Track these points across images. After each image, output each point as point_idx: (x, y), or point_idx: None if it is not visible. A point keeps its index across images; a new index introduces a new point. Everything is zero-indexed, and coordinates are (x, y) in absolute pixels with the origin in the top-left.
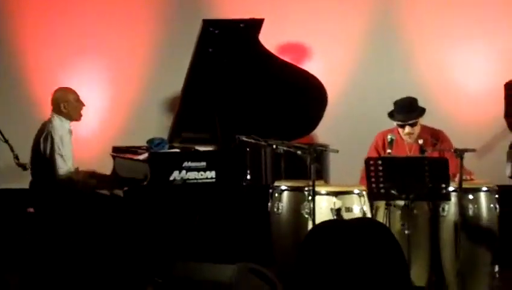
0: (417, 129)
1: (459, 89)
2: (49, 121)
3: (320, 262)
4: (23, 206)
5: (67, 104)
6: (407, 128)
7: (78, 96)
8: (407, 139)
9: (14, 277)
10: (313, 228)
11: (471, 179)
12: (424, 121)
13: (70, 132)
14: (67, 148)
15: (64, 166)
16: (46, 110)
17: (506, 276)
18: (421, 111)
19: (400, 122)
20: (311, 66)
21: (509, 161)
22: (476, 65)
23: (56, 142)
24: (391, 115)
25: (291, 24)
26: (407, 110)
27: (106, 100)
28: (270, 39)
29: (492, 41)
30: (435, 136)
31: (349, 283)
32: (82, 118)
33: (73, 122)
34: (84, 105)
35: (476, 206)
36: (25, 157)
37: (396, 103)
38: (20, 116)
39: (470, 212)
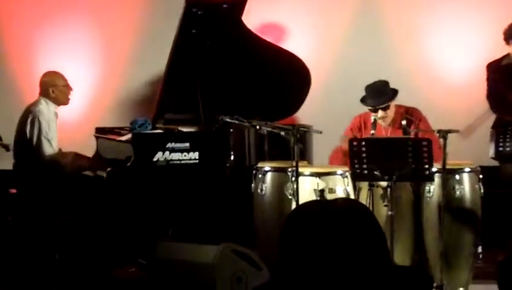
0: (391, 112)
1: (441, 70)
2: (35, 104)
3: (302, 242)
4: (5, 186)
5: (55, 89)
6: (380, 112)
7: (66, 80)
8: (382, 123)
9: None
10: (294, 210)
11: None
12: (406, 103)
13: (56, 115)
14: (54, 132)
15: (50, 150)
16: (28, 91)
17: (489, 257)
18: (393, 94)
19: (371, 107)
20: (295, 48)
21: (492, 142)
22: (459, 46)
23: (43, 126)
24: (363, 100)
25: (273, 5)
26: (378, 94)
27: (89, 82)
28: (251, 19)
29: (475, 22)
30: (409, 113)
31: (331, 263)
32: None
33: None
34: (72, 89)
35: (462, 187)
36: (7, 138)
37: (367, 88)
38: (2, 97)
39: (458, 193)
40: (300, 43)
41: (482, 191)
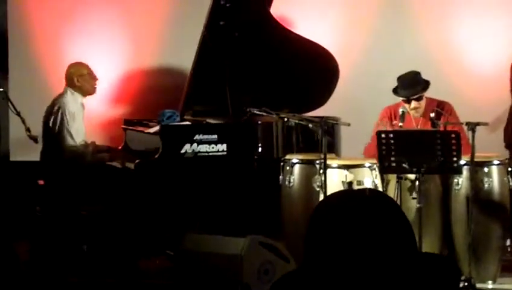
0: (423, 103)
1: (471, 62)
2: (61, 95)
3: (329, 232)
4: (33, 178)
5: (81, 79)
6: (413, 103)
7: (91, 70)
8: (414, 114)
9: (24, 248)
10: (322, 200)
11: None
12: (435, 94)
13: (83, 105)
14: (78, 124)
15: (71, 142)
16: (57, 82)
17: None
18: (425, 85)
19: (404, 98)
20: (322, 40)
21: None
22: (488, 37)
23: (66, 118)
24: (395, 91)
25: None
26: (411, 85)
27: (118, 74)
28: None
29: (505, 13)
30: (440, 107)
31: (358, 253)
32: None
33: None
34: (97, 79)
35: (490, 179)
36: (37, 130)
37: (399, 78)
38: (31, 88)
39: (486, 185)
40: (328, 35)
41: (510, 183)
